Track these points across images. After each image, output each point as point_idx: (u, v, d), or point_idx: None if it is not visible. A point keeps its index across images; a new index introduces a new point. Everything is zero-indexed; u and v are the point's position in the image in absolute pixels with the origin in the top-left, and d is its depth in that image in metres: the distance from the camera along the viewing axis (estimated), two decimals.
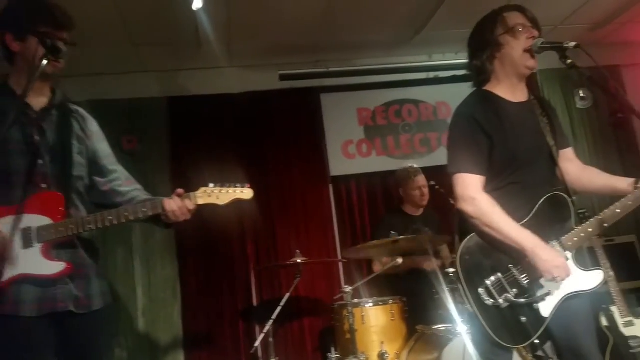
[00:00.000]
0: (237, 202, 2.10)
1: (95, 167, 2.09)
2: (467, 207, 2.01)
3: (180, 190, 2.02)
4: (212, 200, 2.05)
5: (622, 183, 2.12)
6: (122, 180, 2.15)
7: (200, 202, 2.04)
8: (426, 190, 4.05)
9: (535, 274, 1.95)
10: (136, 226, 4.42)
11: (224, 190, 2.07)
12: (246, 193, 2.11)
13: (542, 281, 1.98)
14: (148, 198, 2.09)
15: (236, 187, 2.09)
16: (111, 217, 1.94)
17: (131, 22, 3.97)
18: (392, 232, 3.51)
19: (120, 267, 4.39)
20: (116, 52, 4.35)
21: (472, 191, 2.01)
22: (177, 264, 4.48)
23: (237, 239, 4.58)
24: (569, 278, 1.98)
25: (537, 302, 1.98)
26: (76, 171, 2.00)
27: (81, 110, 2.13)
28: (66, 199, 1.93)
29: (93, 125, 2.13)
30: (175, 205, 1.98)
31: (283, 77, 4.62)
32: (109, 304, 2.03)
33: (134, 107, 4.58)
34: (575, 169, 2.24)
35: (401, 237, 3.41)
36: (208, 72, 4.75)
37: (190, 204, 2.01)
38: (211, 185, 2.06)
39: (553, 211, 2.05)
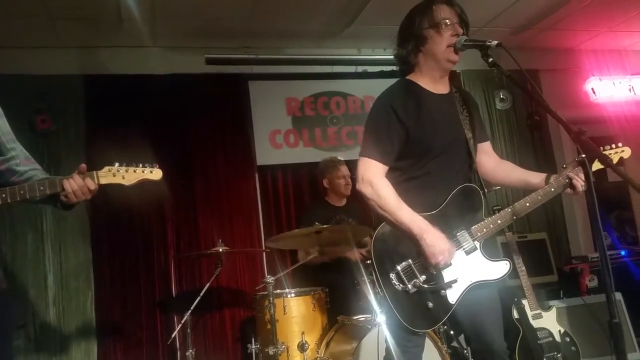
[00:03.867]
0: (145, 183, 2.02)
1: None
2: (365, 188, 2.06)
3: (83, 166, 1.90)
4: (116, 180, 1.95)
5: (535, 178, 2.23)
6: (21, 159, 1.98)
7: (104, 181, 1.93)
8: (347, 180, 4.09)
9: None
10: (47, 210, 4.17)
11: (130, 169, 1.97)
12: (155, 173, 2.02)
13: (449, 269, 2.04)
14: (46, 177, 1.96)
15: (144, 166, 2.00)
16: (4, 195, 1.81)
17: None
18: (316, 223, 3.52)
19: (30, 253, 4.13)
20: (31, 25, 4.06)
21: (372, 174, 2.06)
22: (90, 250, 4.26)
23: (156, 226, 4.42)
24: (476, 267, 2.08)
25: (444, 289, 2.03)
26: None
27: None
28: None
29: None
30: (76, 184, 1.87)
31: (210, 61, 4.49)
32: (3, 289, 1.87)
33: (49, 84, 4.29)
34: (492, 163, 2.34)
35: (324, 226, 3.42)
36: (130, 51, 4.54)
37: (91, 184, 1.89)
38: (117, 164, 1.96)
39: (465, 202, 2.12)
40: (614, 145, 2.34)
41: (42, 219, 4.18)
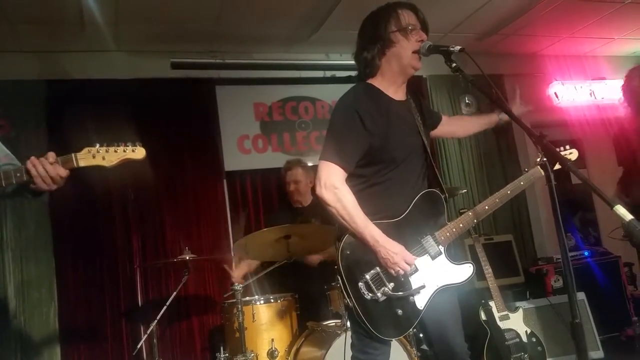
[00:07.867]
0: (128, 164, 1.91)
1: None
2: (327, 194, 2.04)
3: (51, 154, 1.79)
4: (96, 161, 1.84)
5: (487, 117, 2.66)
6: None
7: (83, 164, 1.82)
8: (298, 186, 3.99)
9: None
10: (7, 217, 4.04)
11: (111, 149, 1.86)
12: (137, 152, 1.92)
13: (417, 275, 2.05)
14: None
15: (126, 145, 1.89)
16: None
17: None
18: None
19: None
20: None
21: (335, 180, 2.03)
22: (53, 259, 4.14)
23: (120, 234, 4.32)
24: (442, 271, 2.09)
25: (413, 295, 2.04)
26: None
27: None
28: None
29: None
30: (42, 167, 1.75)
31: (175, 65, 4.42)
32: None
33: (7, 89, 4.15)
34: (452, 125, 2.60)
35: (286, 225, 3.38)
36: (92, 56, 4.43)
37: (62, 171, 1.78)
38: (97, 144, 1.86)
39: (428, 207, 2.14)
40: (562, 148, 2.43)
41: (1, 227, 4.05)
